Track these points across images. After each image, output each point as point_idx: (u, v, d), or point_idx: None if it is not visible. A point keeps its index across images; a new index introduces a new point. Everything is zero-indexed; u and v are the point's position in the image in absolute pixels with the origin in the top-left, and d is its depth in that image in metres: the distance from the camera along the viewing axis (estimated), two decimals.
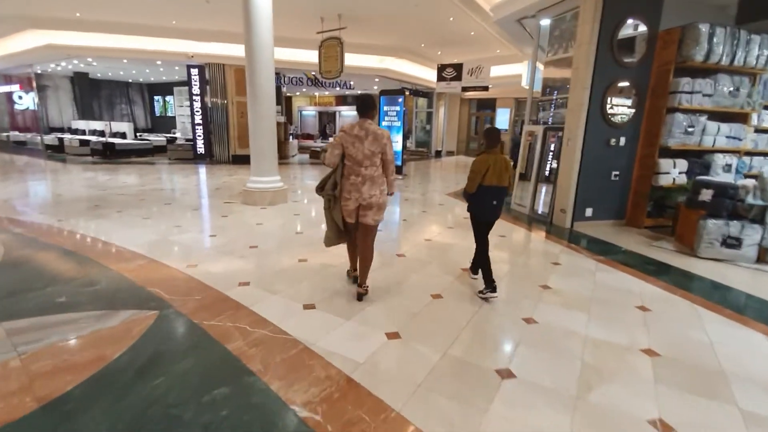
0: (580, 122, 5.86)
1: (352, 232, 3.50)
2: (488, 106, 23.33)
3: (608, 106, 5.88)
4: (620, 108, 5.97)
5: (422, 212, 7.02)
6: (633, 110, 6.00)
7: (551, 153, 6.80)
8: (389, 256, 4.59)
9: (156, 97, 24.03)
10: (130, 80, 22.61)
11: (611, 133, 6.02)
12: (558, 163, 6.36)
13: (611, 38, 5.68)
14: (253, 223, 5.83)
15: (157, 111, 24.27)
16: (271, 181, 7.12)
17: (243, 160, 13.71)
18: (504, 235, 5.65)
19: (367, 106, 3.22)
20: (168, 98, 23.33)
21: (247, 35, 6.54)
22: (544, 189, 6.98)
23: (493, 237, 5.61)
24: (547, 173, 6.95)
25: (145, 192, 8.12)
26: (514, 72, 14.47)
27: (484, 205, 3.50)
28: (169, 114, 23.31)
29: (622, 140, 6.08)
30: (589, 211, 6.24)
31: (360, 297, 3.42)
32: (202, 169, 12.18)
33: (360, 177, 3.18)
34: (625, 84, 5.88)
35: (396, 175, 3.77)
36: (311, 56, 11.96)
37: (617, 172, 6.20)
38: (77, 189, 8.40)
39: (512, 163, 3.68)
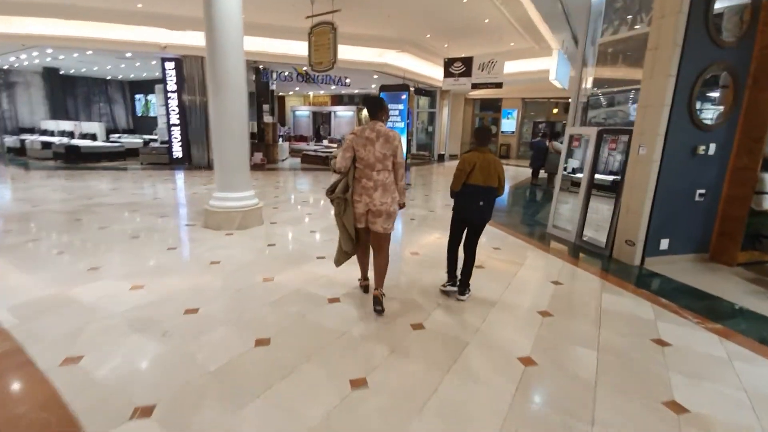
0: (660, 123, 4.25)
1: (363, 238, 3.32)
2: (493, 106, 21.83)
3: (698, 102, 4.29)
4: (712, 104, 4.39)
5: (437, 239, 5.38)
6: (727, 107, 4.42)
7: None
8: (402, 328, 2.95)
9: (137, 96, 22.35)
10: (109, 77, 20.93)
11: (700, 138, 4.42)
12: (622, 178, 4.75)
13: (707, 7, 4.09)
14: (207, 262, 4.17)
15: (139, 111, 22.57)
16: (242, 197, 5.47)
17: None
18: (560, 281, 4.01)
19: (377, 107, 3.11)
20: (150, 97, 21.66)
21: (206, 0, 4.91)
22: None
23: (546, 284, 4.02)
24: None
25: (89, 208, 6.45)
26: (535, 67, 12.91)
27: (470, 205, 3.36)
28: (152, 114, 21.64)
29: (712, 147, 4.48)
30: (664, 243, 4.63)
31: (377, 301, 3.18)
32: (175, 177, 10.51)
33: (372, 182, 3.06)
34: (721, 71, 4.29)
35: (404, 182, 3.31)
36: (302, 48, 10.32)
37: (703, 191, 4.60)
38: (2, 204, 6.73)
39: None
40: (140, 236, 5.02)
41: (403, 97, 9.09)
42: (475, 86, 12.53)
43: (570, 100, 6.08)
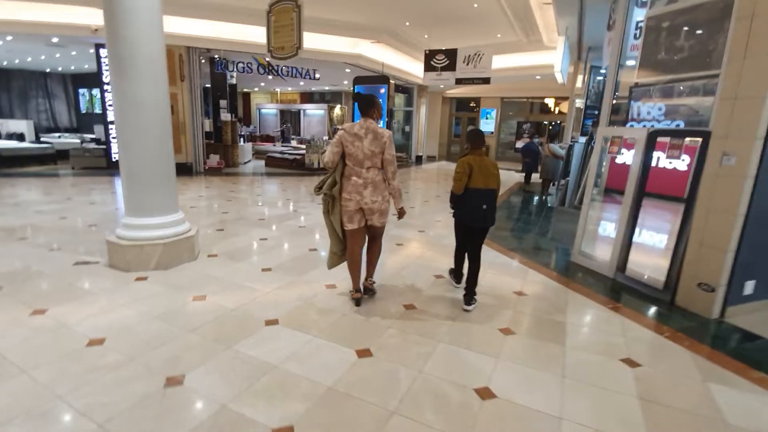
0: (760, 122, 2.99)
1: (352, 242, 3.21)
2: (470, 106, 20.78)
3: None
4: None
5: (435, 280, 3.98)
6: None
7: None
8: None
9: (81, 90, 20.00)
10: (48, 69, 18.59)
11: None
12: (690, 197, 3.48)
13: None
14: (83, 341, 2.60)
15: (83, 107, 20.21)
16: (163, 224, 3.88)
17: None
18: (633, 358, 2.65)
19: (368, 104, 3.08)
20: (95, 91, 19.38)
21: None
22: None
23: (616, 366, 2.67)
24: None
25: None
26: (523, 62, 11.76)
27: (473, 209, 3.25)
28: (97, 110, 19.39)
29: None
30: (749, 286, 3.39)
31: (366, 291, 3.37)
32: (107, 185, 8.68)
33: (362, 179, 3.03)
34: None
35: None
36: (262, 34, 8.68)
37: None
38: None
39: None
40: (3, 287, 3.36)
41: (382, 90, 7.71)
42: (459, 82, 11.24)
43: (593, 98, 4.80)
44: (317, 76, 12.48)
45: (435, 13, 9.82)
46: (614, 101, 4.30)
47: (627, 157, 4.18)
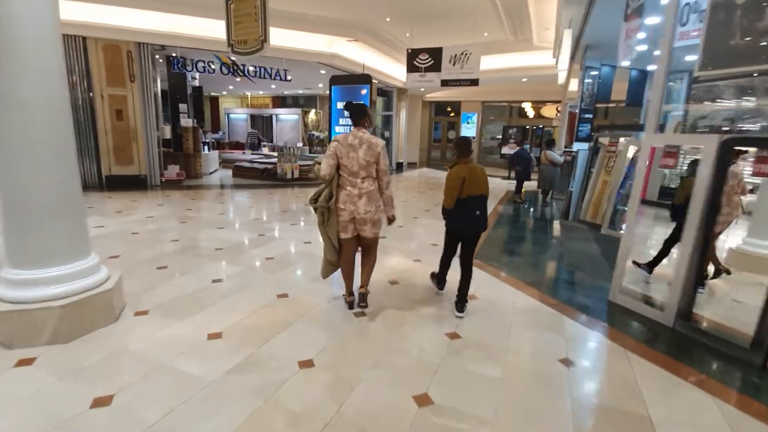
0: None
1: (347, 249, 3.24)
2: (452, 110, 20.10)
3: None
4: None
5: (450, 342, 2.96)
6: None
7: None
8: None
9: None
10: None
11: None
12: None
13: None
14: None
15: None
16: (63, 276, 2.70)
17: (123, 185, 9.04)
18: None
19: (359, 114, 3.09)
20: None
21: None
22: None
23: None
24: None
25: None
26: (517, 63, 10.98)
27: (467, 218, 3.25)
28: None
29: None
30: None
31: (363, 298, 3.30)
32: None
33: (356, 189, 3.05)
34: None
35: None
36: (223, 29, 7.50)
37: None
38: None
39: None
40: None
41: (363, 92, 6.73)
42: (445, 83, 10.33)
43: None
44: (289, 77, 11.34)
45: (419, 8, 8.89)
46: (663, 107, 3.40)
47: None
